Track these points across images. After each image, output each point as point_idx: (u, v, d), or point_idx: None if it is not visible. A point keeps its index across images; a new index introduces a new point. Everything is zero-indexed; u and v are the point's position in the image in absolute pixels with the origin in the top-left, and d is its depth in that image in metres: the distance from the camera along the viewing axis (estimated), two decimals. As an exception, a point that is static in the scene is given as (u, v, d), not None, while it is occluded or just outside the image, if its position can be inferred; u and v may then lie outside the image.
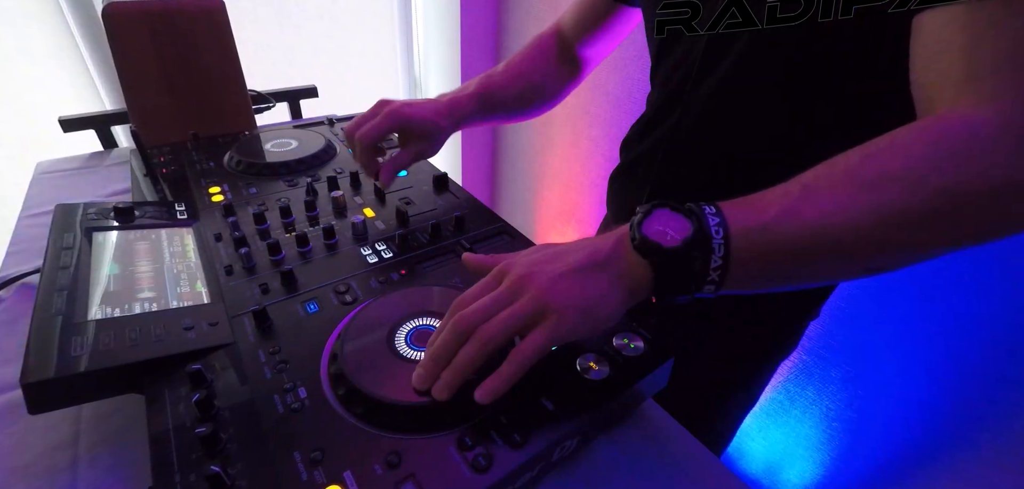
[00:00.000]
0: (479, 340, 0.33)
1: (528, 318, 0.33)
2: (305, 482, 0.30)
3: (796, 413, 1.02)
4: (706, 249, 0.32)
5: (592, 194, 1.37)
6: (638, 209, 0.36)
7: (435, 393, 0.33)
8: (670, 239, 0.33)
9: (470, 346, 0.33)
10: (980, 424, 0.78)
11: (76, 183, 0.75)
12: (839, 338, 0.91)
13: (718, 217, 0.33)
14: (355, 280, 0.47)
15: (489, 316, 0.34)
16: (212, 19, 0.77)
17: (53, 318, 0.37)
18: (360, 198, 0.62)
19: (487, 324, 0.33)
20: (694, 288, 0.34)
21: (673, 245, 0.33)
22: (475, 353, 0.33)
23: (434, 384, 0.34)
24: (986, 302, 0.72)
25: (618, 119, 1.20)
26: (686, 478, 0.37)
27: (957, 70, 0.31)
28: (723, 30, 0.43)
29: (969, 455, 0.80)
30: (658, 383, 0.41)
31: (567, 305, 0.33)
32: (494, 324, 0.33)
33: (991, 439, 0.77)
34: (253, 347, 0.39)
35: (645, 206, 0.35)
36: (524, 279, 0.35)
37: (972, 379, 0.76)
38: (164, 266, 0.46)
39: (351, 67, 1.53)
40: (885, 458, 0.91)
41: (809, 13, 0.37)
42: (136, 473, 0.36)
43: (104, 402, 0.38)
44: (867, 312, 0.86)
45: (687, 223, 0.33)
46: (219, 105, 0.81)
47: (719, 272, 0.33)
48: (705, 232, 0.32)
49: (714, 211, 0.33)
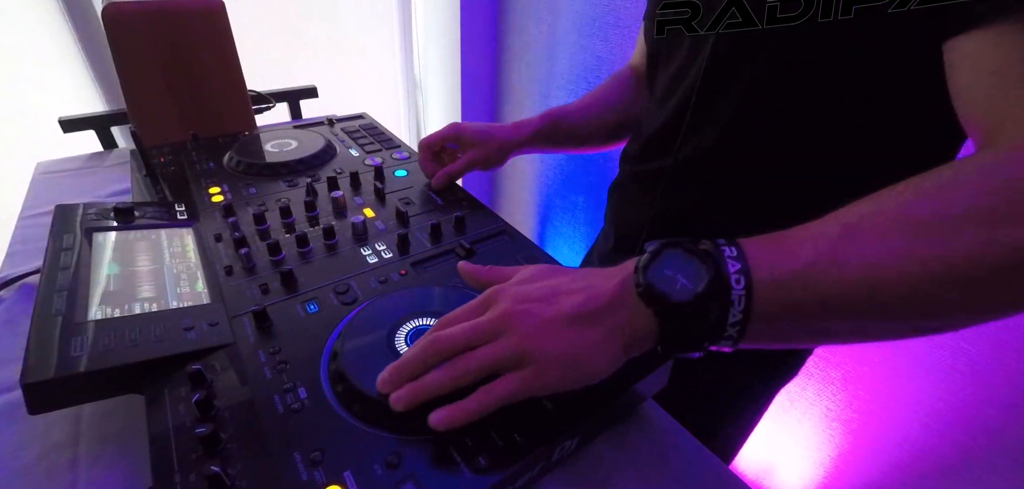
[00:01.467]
0: (451, 370, 0.32)
1: (506, 361, 0.31)
2: (305, 482, 0.30)
3: (796, 413, 1.02)
4: (724, 301, 0.28)
5: (592, 194, 1.37)
6: (646, 247, 0.32)
7: (392, 401, 0.32)
8: (681, 288, 0.29)
9: (441, 372, 0.32)
10: (980, 424, 0.78)
11: (76, 183, 0.75)
12: (839, 338, 0.91)
13: (739, 262, 0.28)
14: (355, 280, 0.47)
15: (467, 346, 0.32)
16: (212, 19, 0.77)
17: (53, 318, 0.37)
18: (360, 198, 0.62)
19: (462, 358, 0.32)
20: (707, 344, 0.30)
21: (683, 299, 0.29)
22: (444, 381, 0.32)
23: (393, 392, 0.32)
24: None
25: (618, 119, 1.20)
26: (686, 478, 0.37)
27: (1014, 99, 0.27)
28: (723, 30, 0.43)
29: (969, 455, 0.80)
30: (658, 383, 0.41)
31: (549, 358, 0.30)
32: (468, 360, 0.31)
33: (991, 439, 0.77)
34: (253, 347, 0.39)
35: (655, 245, 0.31)
36: (509, 317, 0.32)
37: (972, 379, 0.76)
38: (164, 266, 0.46)
39: (351, 67, 1.53)
40: (885, 458, 0.91)
41: (809, 13, 0.37)
42: (136, 473, 0.36)
43: (104, 402, 0.38)
44: (867, 312, 0.86)
45: (702, 270, 0.29)
46: (219, 105, 0.81)
47: (738, 327, 0.28)
48: (723, 281, 0.28)
49: (735, 254, 0.29)
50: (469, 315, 0.34)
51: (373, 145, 0.78)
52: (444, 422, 0.31)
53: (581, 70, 1.25)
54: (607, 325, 0.31)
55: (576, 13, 1.20)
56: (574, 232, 1.49)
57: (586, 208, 1.41)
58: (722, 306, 0.28)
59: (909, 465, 0.88)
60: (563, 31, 1.25)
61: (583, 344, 0.31)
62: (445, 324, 0.35)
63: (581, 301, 0.32)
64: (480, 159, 0.63)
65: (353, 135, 0.81)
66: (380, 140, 0.80)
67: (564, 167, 1.43)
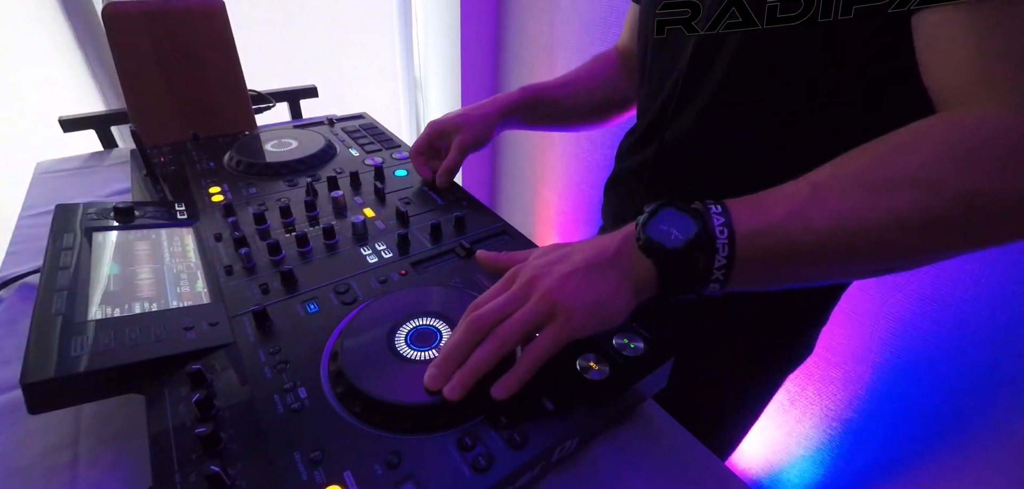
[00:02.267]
0: (495, 340, 0.34)
1: (539, 318, 0.34)
2: (305, 482, 0.30)
3: (796, 413, 1.02)
4: (710, 249, 0.33)
5: (592, 194, 1.37)
6: (645, 208, 0.36)
7: (447, 393, 0.33)
8: (674, 239, 0.33)
9: (485, 347, 0.34)
10: (980, 424, 0.78)
11: (76, 183, 0.75)
12: (839, 338, 0.91)
13: (723, 217, 0.33)
14: (355, 280, 0.47)
15: (503, 318, 0.35)
16: (212, 19, 0.77)
17: (53, 318, 0.37)
18: (360, 198, 0.62)
19: (500, 329, 0.34)
20: (698, 287, 0.34)
21: (676, 245, 0.33)
22: (490, 353, 0.34)
23: (446, 384, 0.34)
24: (986, 301, 0.72)
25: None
26: (686, 478, 0.37)
27: (967, 67, 0.30)
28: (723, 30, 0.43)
29: (969, 455, 0.80)
30: (658, 383, 0.41)
31: (574, 304, 0.34)
32: (508, 325, 0.34)
33: (991, 439, 0.77)
34: (253, 347, 0.39)
35: (652, 205, 0.36)
36: (534, 281, 0.36)
37: (972, 378, 0.76)
38: (164, 266, 0.46)
39: (351, 67, 1.53)
40: (885, 458, 0.91)
41: (809, 13, 0.37)
42: (136, 473, 0.36)
43: (104, 402, 0.38)
44: (867, 312, 0.86)
45: (691, 223, 0.33)
46: (219, 105, 0.81)
47: (723, 272, 0.33)
48: (709, 233, 0.33)
49: (720, 211, 0.33)
50: (497, 293, 0.37)
51: (373, 145, 0.78)
52: (506, 389, 0.34)
53: (581, 70, 1.24)
54: (618, 271, 0.35)
55: (576, 13, 1.20)
56: (574, 232, 1.49)
57: (586, 208, 1.41)
58: (708, 254, 0.33)
59: (909, 465, 0.88)
60: (563, 31, 1.25)
61: (601, 289, 0.35)
62: (477, 306, 0.37)
63: (592, 255, 0.36)
64: (470, 140, 0.63)
65: (353, 135, 0.81)
66: (380, 140, 0.80)
67: (564, 167, 1.43)
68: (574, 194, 1.43)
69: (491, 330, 0.35)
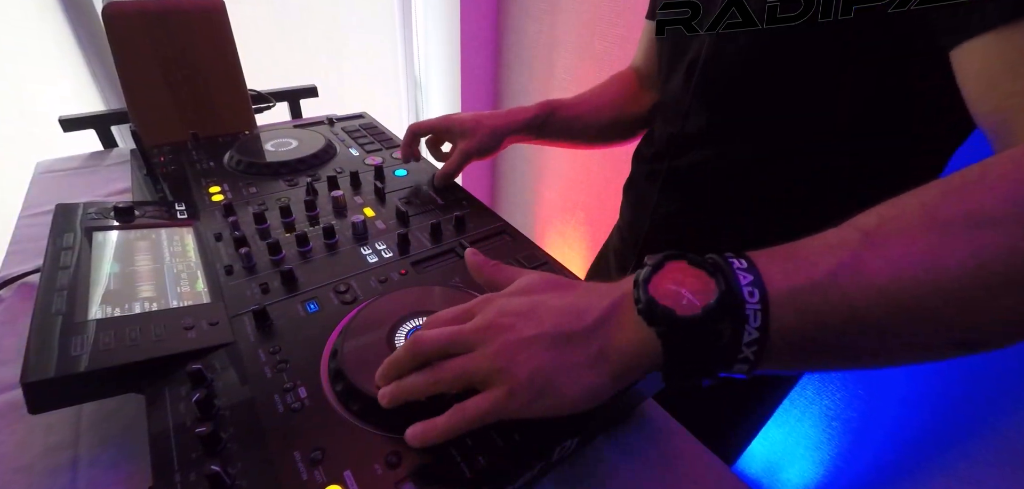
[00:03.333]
0: (428, 376, 0.31)
1: (478, 376, 0.30)
2: (305, 482, 0.30)
3: (796, 413, 1.02)
4: (738, 317, 0.25)
5: (592, 193, 1.37)
6: (646, 260, 0.29)
7: (379, 397, 0.32)
8: (687, 303, 0.26)
9: (419, 377, 0.31)
10: (980, 424, 0.78)
11: (76, 183, 0.75)
12: (839, 338, 0.91)
13: (751, 274, 0.26)
14: (355, 280, 0.47)
15: (446, 352, 0.31)
16: (212, 19, 0.77)
17: (53, 318, 0.37)
18: (360, 198, 0.62)
19: (438, 366, 0.31)
20: (720, 368, 0.26)
21: (691, 314, 0.26)
22: (419, 386, 0.31)
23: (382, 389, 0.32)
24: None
25: (618, 119, 1.20)
26: (686, 478, 0.37)
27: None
28: (723, 30, 0.43)
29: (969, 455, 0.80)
30: (658, 383, 0.40)
31: (520, 379, 0.28)
32: (443, 369, 0.31)
33: (991, 439, 0.77)
34: (253, 347, 0.39)
35: (656, 257, 0.29)
36: (488, 329, 0.30)
37: (972, 378, 0.76)
38: (164, 266, 0.46)
39: (351, 67, 1.53)
40: (885, 458, 0.91)
41: (809, 13, 0.37)
42: (136, 473, 0.36)
43: (104, 402, 0.38)
44: (867, 312, 0.86)
45: (710, 281, 0.26)
46: (219, 105, 0.81)
47: (755, 349, 0.25)
48: (735, 295, 0.25)
49: (745, 266, 0.26)
50: (455, 319, 0.33)
51: (373, 145, 0.78)
52: (417, 438, 0.30)
53: (581, 70, 1.25)
54: (591, 349, 0.29)
55: (576, 13, 1.20)
56: (574, 231, 1.49)
57: (586, 208, 1.41)
58: (735, 323, 0.25)
59: (909, 465, 0.88)
60: (563, 31, 1.25)
61: (558, 367, 0.28)
62: (432, 324, 0.34)
63: (564, 321, 0.29)
64: (474, 148, 0.62)
65: (353, 134, 0.81)
66: (380, 140, 0.80)
67: (564, 166, 1.43)
68: (574, 193, 1.43)
69: (431, 360, 0.31)
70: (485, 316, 0.31)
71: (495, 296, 0.33)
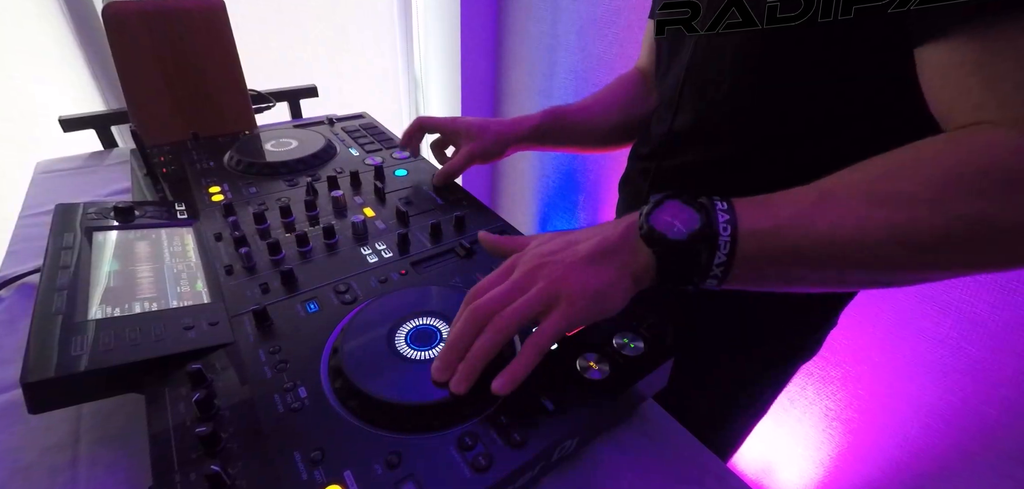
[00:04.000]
0: (494, 329, 0.34)
1: (540, 306, 0.34)
2: (305, 482, 0.30)
3: (796, 413, 1.02)
4: (711, 245, 0.32)
5: (592, 193, 1.37)
6: (651, 197, 0.36)
7: (453, 387, 0.33)
8: (676, 231, 0.33)
9: (485, 336, 0.34)
10: (980, 424, 0.78)
11: (76, 183, 0.75)
12: (839, 338, 0.91)
13: (728, 214, 0.33)
14: (355, 280, 0.47)
15: (503, 305, 0.34)
16: (212, 19, 0.77)
17: (53, 318, 0.37)
18: (360, 198, 0.62)
19: (502, 313, 0.34)
20: (696, 280, 0.34)
21: (678, 238, 0.33)
22: (490, 342, 0.33)
23: (451, 376, 0.34)
24: (987, 301, 0.72)
25: (618, 119, 1.20)
26: (686, 478, 0.37)
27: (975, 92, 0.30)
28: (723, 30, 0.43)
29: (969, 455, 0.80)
30: (658, 383, 0.41)
31: (576, 293, 0.34)
32: (509, 313, 0.34)
33: (990, 439, 0.77)
34: (253, 347, 0.39)
35: (658, 196, 0.36)
36: (536, 269, 0.35)
37: (972, 379, 0.76)
38: (164, 266, 0.46)
39: (351, 67, 1.53)
40: (885, 458, 0.91)
41: (809, 13, 0.37)
42: (136, 473, 0.36)
43: (104, 402, 0.38)
44: (867, 312, 0.86)
45: (696, 216, 0.33)
46: (219, 105, 0.81)
47: (722, 268, 0.33)
48: (712, 228, 0.33)
49: (725, 207, 0.33)
50: (497, 280, 0.37)
51: (373, 145, 0.78)
52: (507, 383, 0.33)
53: (581, 70, 1.25)
54: (618, 262, 0.35)
55: (576, 13, 1.20)
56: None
57: (586, 207, 1.41)
58: (710, 249, 0.32)
59: (909, 465, 0.88)
60: (563, 31, 1.25)
61: (602, 279, 0.35)
62: (477, 294, 0.37)
63: (595, 244, 0.36)
64: (478, 152, 0.63)
65: (353, 134, 0.81)
66: (380, 139, 0.80)
67: (565, 166, 1.43)
68: (574, 193, 1.43)
69: (490, 319, 0.34)
70: (528, 262, 0.36)
71: (525, 250, 0.38)
